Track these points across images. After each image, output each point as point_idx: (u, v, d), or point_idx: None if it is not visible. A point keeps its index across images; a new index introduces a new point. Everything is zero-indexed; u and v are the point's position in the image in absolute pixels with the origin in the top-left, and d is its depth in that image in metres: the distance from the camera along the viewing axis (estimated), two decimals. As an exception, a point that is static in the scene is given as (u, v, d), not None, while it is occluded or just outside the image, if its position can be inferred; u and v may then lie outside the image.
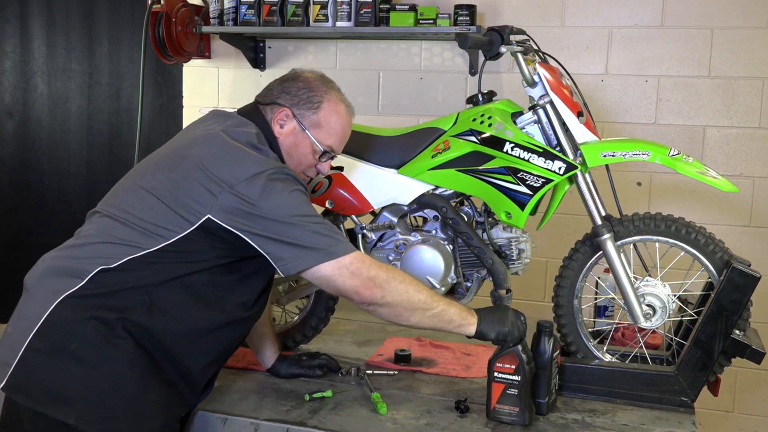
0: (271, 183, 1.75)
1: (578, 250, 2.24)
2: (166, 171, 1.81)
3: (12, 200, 4.27)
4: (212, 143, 1.82)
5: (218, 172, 1.75)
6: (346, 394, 2.12)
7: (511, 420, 1.93)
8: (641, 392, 2.11)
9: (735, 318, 2.05)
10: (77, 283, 1.72)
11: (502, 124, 2.19)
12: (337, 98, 2.01)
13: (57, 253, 1.83)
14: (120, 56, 4.06)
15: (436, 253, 2.28)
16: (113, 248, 1.75)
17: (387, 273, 1.84)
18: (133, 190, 1.83)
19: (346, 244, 1.81)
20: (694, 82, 3.39)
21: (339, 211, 2.36)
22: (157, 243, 1.74)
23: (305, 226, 1.76)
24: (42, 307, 1.71)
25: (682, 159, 2.12)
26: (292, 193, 1.78)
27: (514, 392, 1.92)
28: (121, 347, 1.71)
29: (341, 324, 2.82)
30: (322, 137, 1.97)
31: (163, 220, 1.75)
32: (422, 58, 3.70)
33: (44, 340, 1.70)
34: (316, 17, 3.53)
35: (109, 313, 1.71)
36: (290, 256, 1.76)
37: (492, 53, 2.19)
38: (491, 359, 1.94)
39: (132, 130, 3.90)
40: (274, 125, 1.96)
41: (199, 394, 1.90)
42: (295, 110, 1.95)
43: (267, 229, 1.74)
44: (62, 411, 1.67)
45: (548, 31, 3.49)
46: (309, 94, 1.96)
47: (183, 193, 1.76)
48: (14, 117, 4.25)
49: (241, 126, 1.90)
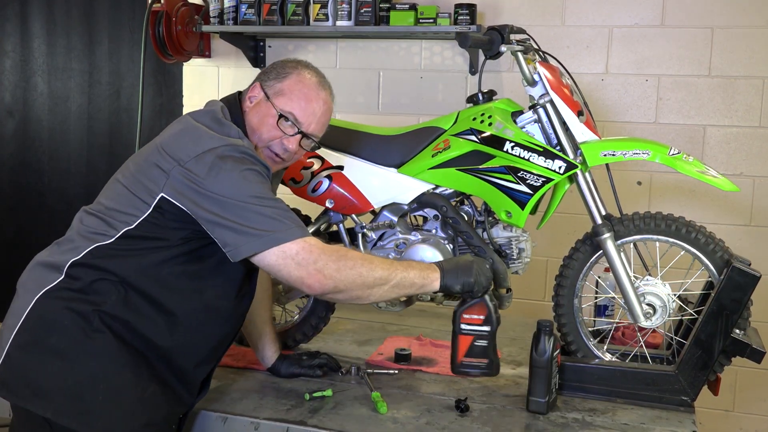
0: (221, 160, 1.73)
1: (578, 250, 2.24)
2: (135, 158, 1.86)
3: (12, 200, 4.26)
4: (175, 126, 1.86)
5: (172, 150, 1.76)
6: (346, 394, 2.12)
7: (480, 372, 1.88)
8: (641, 391, 2.11)
9: (735, 317, 2.05)
10: (56, 277, 1.74)
11: (502, 124, 2.19)
12: (309, 73, 1.98)
13: (43, 252, 1.86)
14: (120, 55, 4.06)
15: (437, 252, 2.27)
16: (84, 239, 1.78)
17: (336, 261, 1.76)
18: (110, 182, 1.88)
19: (294, 230, 1.73)
20: (695, 82, 3.39)
21: (339, 210, 2.36)
22: (120, 229, 1.76)
23: (251, 208, 1.71)
24: (24, 303, 1.74)
25: (682, 158, 2.12)
26: (243, 172, 1.74)
27: (483, 343, 1.87)
28: (99, 340, 1.70)
29: (341, 323, 2.82)
30: (283, 103, 1.92)
31: (125, 205, 1.77)
32: (422, 58, 3.70)
33: (25, 334, 1.72)
34: (316, 16, 3.53)
35: (86, 306, 1.71)
36: (234, 241, 1.71)
37: (492, 52, 2.19)
38: (456, 310, 1.89)
39: (132, 130, 3.90)
40: (245, 102, 1.97)
41: (195, 393, 1.90)
42: (264, 83, 1.97)
43: (213, 210, 1.71)
44: (41, 405, 1.68)
45: (548, 30, 3.49)
46: (280, 69, 1.98)
47: (142, 175, 1.78)
48: (14, 116, 4.24)
49: (210, 106, 1.93)
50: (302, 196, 2.36)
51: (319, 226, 2.41)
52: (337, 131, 2.36)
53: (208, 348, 1.89)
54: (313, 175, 2.34)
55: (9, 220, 4.27)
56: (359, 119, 2.65)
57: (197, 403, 1.94)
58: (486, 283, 1.92)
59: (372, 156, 2.35)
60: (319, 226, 2.41)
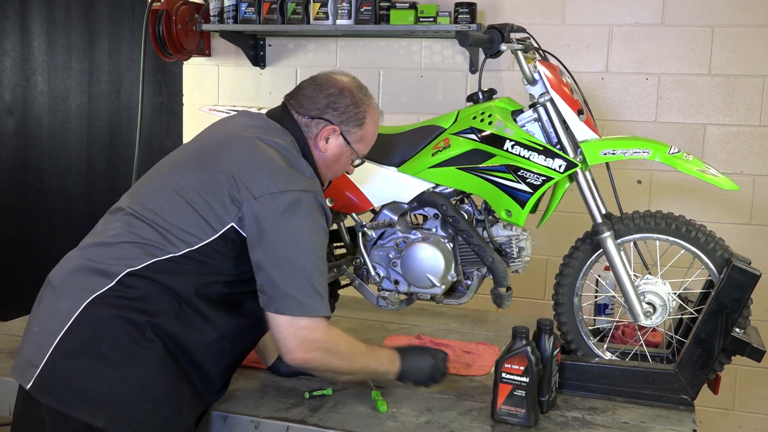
0: (297, 204, 1.73)
1: (578, 248, 2.24)
2: (196, 172, 1.79)
3: (12, 198, 4.27)
4: (247, 150, 1.80)
5: (248, 182, 1.74)
6: (346, 392, 2.12)
7: (517, 421, 1.92)
8: (641, 390, 2.11)
9: (735, 316, 2.05)
10: (106, 283, 1.70)
11: (502, 122, 2.19)
12: (375, 108, 2.01)
13: (83, 251, 1.79)
14: (120, 54, 4.07)
15: (437, 251, 2.27)
16: (139, 249, 1.73)
17: (326, 355, 1.81)
18: (161, 189, 1.81)
19: (319, 309, 1.76)
20: (695, 80, 3.39)
21: (339, 208, 2.36)
22: (182, 248, 1.73)
23: (302, 272, 1.74)
24: (71, 307, 1.69)
25: (682, 157, 2.12)
26: (312, 227, 1.76)
27: (521, 393, 1.91)
28: (150, 350, 1.69)
29: (341, 322, 2.81)
30: (362, 149, 2.00)
31: (190, 224, 1.74)
32: (422, 56, 3.70)
33: (73, 340, 1.68)
34: (316, 15, 3.53)
35: (139, 316, 1.69)
36: (270, 294, 1.74)
37: (492, 51, 2.19)
38: (499, 359, 1.93)
39: (132, 128, 3.90)
40: (320, 140, 1.92)
41: (215, 393, 1.90)
42: (343, 128, 1.94)
43: (265, 257, 1.73)
44: (90, 414, 1.66)
45: (549, 29, 3.49)
46: (356, 111, 1.94)
47: (211, 198, 1.74)
48: (14, 115, 4.25)
49: (277, 133, 1.87)
50: (302, 195, 2.36)
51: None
52: (337, 130, 2.36)
53: (240, 354, 1.91)
54: (313, 174, 2.33)
55: (9, 219, 4.27)
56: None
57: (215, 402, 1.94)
58: (441, 376, 2.04)
59: (372, 154, 2.34)
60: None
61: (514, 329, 1.93)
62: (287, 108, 1.96)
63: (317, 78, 1.97)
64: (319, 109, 1.92)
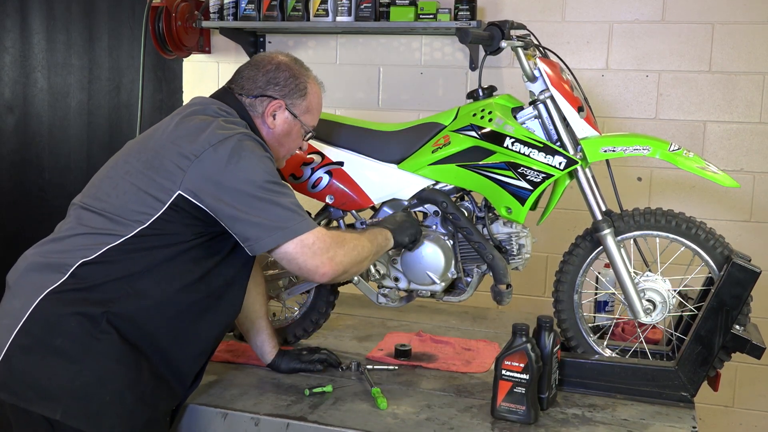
0: (239, 145, 1.76)
1: (578, 245, 2.24)
2: (139, 153, 1.82)
3: (12, 195, 4.26)
4: (181, 120, 1.84)
5: (187, 145, 1.76)
6: (346, 389, 2.12)
7: (517, 418, 1.92)
8: (641, 387, 2.11)
9: (735, 313, 2.05)
10: (59, 278, 1.72)
11: (502, 119, 2.18)
12: (314, 80, 2.05)
13: (37, 249, 1.82)
14: (120, 51, 4.06)
15: (437, 248, 2.27)
16: (91, 239, 1.75)
17: (341, 247, 1.86)
18: (108, 178, 1.84)
19: (308, 221, 1.81)
20: (695, 77, 3.38)
21: (339, 206, 2.36)
22: (133, 229, 1.74)
23: (270, 198, 1.76)
24: (25, 304, 1.71)
25: (682, 154, 2.12)
26: (262, 158, 1.79)
27: (521, 390, 1.92)
28: (105, 342, 1.70)
29: (341, 319, 2.82)
30: (310, 120, 2.03)
31: (138, 203, 1.75)
32: (422, 53, 3.70)
33: (28, 336, 1.69)
34: (316, 12, 3.53)
35: (93, 308, 1.70)
36: (256, 235, 1.76)
37: (492, 48, 2.19)
38: (499, 356, 1.94)
39: (132, 126, 3.90)
40: (267, 117, 1.96)
41: (188, 386, 1.90)
42: (287, 101, 1.97)
43: (233, 204, 1.74)
44: (48, 407, 1.67)
45: (549, 25, 3.49)
46: (296, 82, 1.98)
47: (154, 172, 1.76)
48: (14, 112, 4.24)
49: (222, 108, 1.90)
50: (302, 192, 2.36)
51: (319, 222, 2.41)
52: (337, 127, 2.36)
53: (207, 340, 1.90)
54: (313, 171, 2.34)
55: (9, 216, 4.26)
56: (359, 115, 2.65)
57: (189, 395, 1.94)
58: (417, 229, 2.20)
59: (372, 152, 2.34)
60: (319, 222, 2.41)
61: (514, 326, 1.93)
62: (230, 92, 1.99)
63: (253, 59, 2.03)
64: (260, 87, 1.96)
